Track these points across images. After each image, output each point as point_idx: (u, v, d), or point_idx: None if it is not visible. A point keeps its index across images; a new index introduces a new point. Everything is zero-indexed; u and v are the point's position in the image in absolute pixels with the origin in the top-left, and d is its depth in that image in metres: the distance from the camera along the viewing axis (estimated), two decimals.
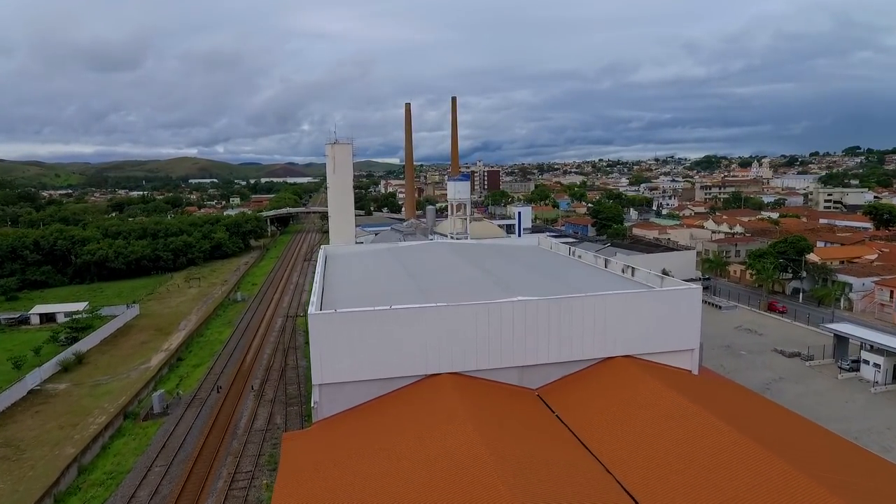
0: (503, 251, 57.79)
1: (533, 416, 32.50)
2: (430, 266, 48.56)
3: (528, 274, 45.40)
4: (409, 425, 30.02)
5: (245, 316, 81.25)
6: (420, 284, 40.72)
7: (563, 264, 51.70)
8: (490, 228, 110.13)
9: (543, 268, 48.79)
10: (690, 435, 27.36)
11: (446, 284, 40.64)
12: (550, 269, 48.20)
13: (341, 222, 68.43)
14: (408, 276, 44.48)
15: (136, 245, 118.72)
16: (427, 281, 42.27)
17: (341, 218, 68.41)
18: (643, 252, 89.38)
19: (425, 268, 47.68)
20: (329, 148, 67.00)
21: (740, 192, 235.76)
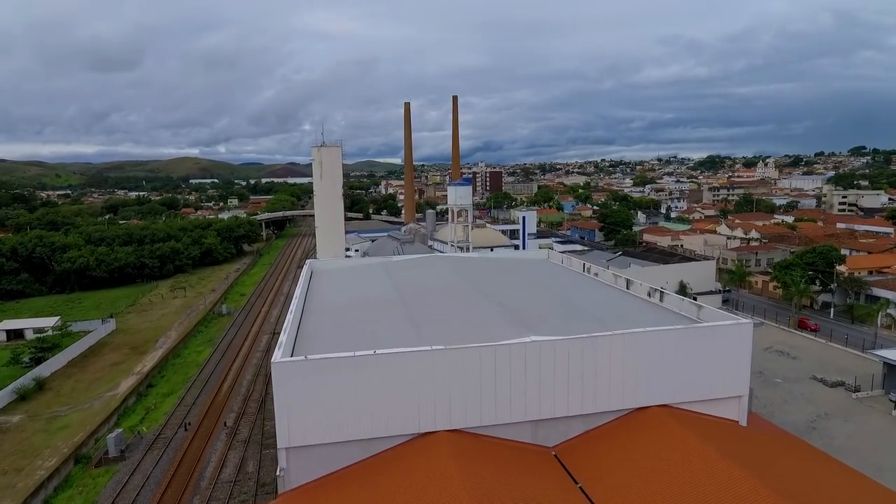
0: (509, 268, 51.42)
1: (548, 485, 26.25)
2: (427, 289, 42.22)
3: (539, 299, 39.05)
4: (396, 497, 23.88)
5: (228, 332, 74.98)
6: (414, 315, 34.39)
7: (578, 285, 45.34)
8: (493, 235, 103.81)
9: (556, 290, 42.44)
10: None
11: (444, 315, 34.31)
12: (564, 292, 41.86)
13: (330, 234, 61.77)
14: (400, 302, 38.16)
15: (120, 252, 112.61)
16: (422, 310, 35.97)
17: (330, 229, 61.78)
18: (658, 262, 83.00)
19: (420, 292, 41.34)
20: (315, 151, 60.40)
21: (750, 194, 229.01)
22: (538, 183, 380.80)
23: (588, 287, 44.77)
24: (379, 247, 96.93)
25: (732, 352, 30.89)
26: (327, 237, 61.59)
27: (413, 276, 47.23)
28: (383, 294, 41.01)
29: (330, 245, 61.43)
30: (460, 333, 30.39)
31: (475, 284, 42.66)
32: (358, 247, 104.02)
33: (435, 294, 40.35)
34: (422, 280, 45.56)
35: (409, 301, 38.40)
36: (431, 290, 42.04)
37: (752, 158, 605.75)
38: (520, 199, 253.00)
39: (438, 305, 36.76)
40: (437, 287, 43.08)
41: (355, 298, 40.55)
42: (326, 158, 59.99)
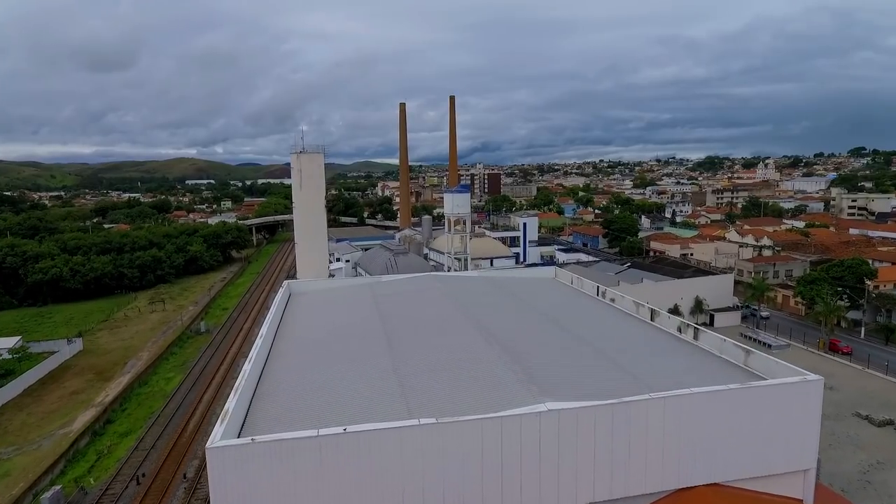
0: (512, 292, 45.15)
1: None
2: (416, 323, 35.96)
3: (549, 338, 32.81)
4: None
5: (204, 355, 68.57)
6: (399, 363, 28.12)
7: (593, 315, 39.13)
8: (492, 245, 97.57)
9: (568, 323, 36.21)
10: None
11: (436, 363, 28.05)
12: (579, 327, 35.63)
13: (311, 250, 55.08)
14: (385, 341, 31.89)
15: (97, 261, 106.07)
16: (410, 354, 29.72)
17: (311, 245, 55.11)
18: (671, 276, 76.89)
19: (409, 327, 35.07)
20: (294, 158, 53.81)
21: (757, 197, 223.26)
22: (537, 184, 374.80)
23: (605, 319, 38.54)
24: (371, 258, 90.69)
25: (798, 416, 24.65)
26: (308, 254, 54.89)
27: (402, 305, 40.94)
28: (366, 330, 34.71)
29: (311, 263, 54.72)
30: (456, 393, 24.16)
31: (473, 316, 36.39)
32: (349, 257, 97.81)
33: (426, 330, 34.07)
34: (411, 309, 39.29)
35: (395, 340, 32.11)
36: (422, 323, 35.77)
37: (751, 159, 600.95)
38: (519, 202, 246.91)
39: (430, 348, 30.49)
40: (428, 319, 36.80)
41: (333, 336, 34.24)
42: (307, 166, 53.31)
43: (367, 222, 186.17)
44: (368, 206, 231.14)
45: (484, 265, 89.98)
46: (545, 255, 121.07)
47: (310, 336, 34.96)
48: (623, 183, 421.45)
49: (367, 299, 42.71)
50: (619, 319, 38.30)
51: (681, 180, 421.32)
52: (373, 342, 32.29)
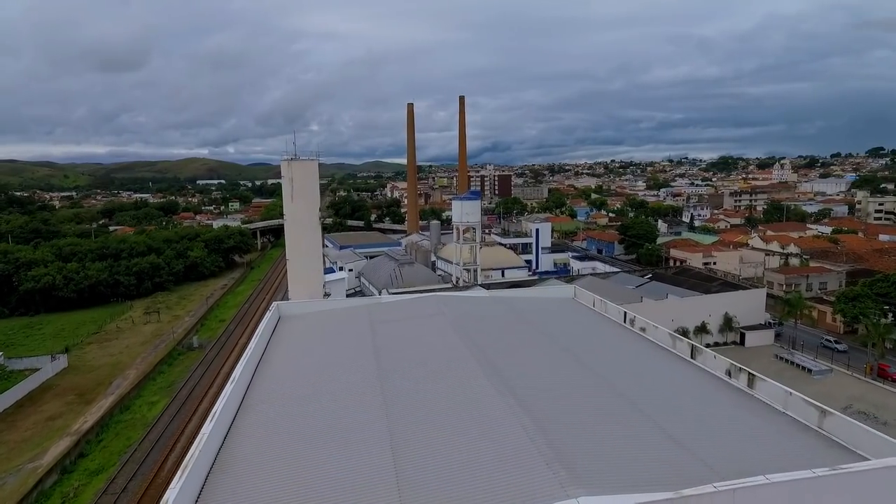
0: (526, 318, 39.86)
1: None
2: (417, 361, 30.79)
3: (574, 387, 27.48)
4: None
5: (193, 374, 63.93)
6: (395, 426, 22.97)
7: (624, 353, 33.73)
8: (504, 255, 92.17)
9: (596, 364, 30.84)
10: None
11: (439, 426, 22.86)
12: (608, 370, 30.27)
13: (304, 268, 49.86)
14: (379, 390, 26.76)
15: (92, 268, 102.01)
16: (407, 410, 24.58)
17: (304, 262, 49.86)
18: (697, 290, 71.14)
19: (409, 367, 29.93)
20: (285, 166, 48.52)
21: (778, 200, 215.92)
22: (548, 185, 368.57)
23: (638, 356, 33.11)
24: (375, 268, 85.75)
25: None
26: (301, 272, 49.63)
27: (401, 338, 35.77)
28: (358, 372, 29.60)
29: (304, 282, 49.52)
30: (462, 483, 18.95)
31: (482, 355, 31.12)
32: (353, 266, 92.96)
33: (428, 372, 28.90)
34: (412, 346, 34.11)
35: (390, 388, 26.97)
36: (423, 362, 30.59)
37: (766, 159, 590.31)
38: (530, 204, 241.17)
39: (431, 401, 25.31)
40: (431, 356, 31.61)
41: (318, 385, 29.16)
42: (299, 175, 48.09)
43: (375, 226, 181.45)
44: (376, 209, 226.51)
45: (495, 276, 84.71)
46: (559, 263, 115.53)
47: (291, 384, 29.88)
48: (635, 184, 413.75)
49: (362, 329, 37.58)
50: (653, 358, 32.85)
51: (695, 181, 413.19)
52: (365, 388, 27.17)
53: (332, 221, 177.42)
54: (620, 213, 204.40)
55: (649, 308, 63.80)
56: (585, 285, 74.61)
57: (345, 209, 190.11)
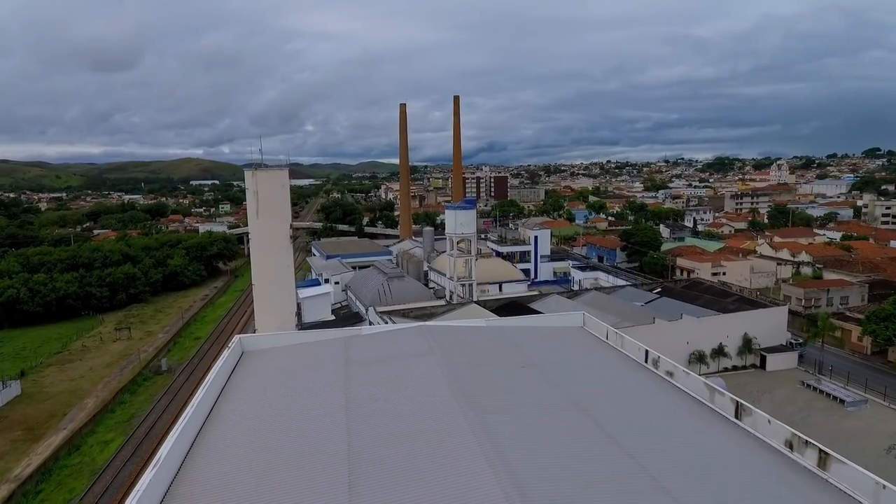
0: (531, 357, 33.73)
1: None
2: (397, 422, 24.57)
3: (595, 474, 21.34)
4: None
5: (157, 406, 57.53)
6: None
7: (652, 410, 27.66)
8: (501, 268, 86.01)
9: (617, 428, 24.72)
10: None
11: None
12: (627, 429, 24.16)
13: (272, 295, 42.94)
14: (344, 465, 20.59)
15: (60, 280, 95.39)
16: (376, 496, 18.36)
17: (272, 288, 43.00)
18: (711, 307, 65.19)
19: (386, 432, 23.71)
20: (249, 176, 41.51)
21: (780, 203, 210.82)
22: (544, 187, 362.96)
23: (671, 416, 27.02)
24: (362, 281, 79.47)
25: None
26: (269, 300, 42.84)
27: (381, 381, 29.61)
28: (323, 436, 23.37)
29: (272, 312, 42.85)
30: None
31: (477, 413, 24.97)
32: (339, 278, 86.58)
33: (406, 436, 22.72)
34: (393, 394, 27.94)
35: (360, 462, 20.77)
36: (403, 422, 24.42)
37: (762, 160, 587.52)
38: (527, 207, 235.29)
39: (406, 477, 19.14)
40: (413, 414, 25.46)
41: (275, 442, 22.91)
42: (265, 186, 41.31)
43: (367, 230, 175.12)
44: (369, 212, 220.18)
45: (492, 290, 78.63)
46: (559, 272, 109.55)
47: (240, 449, 23.67)
48: (633, 185, 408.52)
49: (334, 373, 31.36)
50: (691, 418, 26.75)
51: (692, 182, 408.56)
52: (327, 473, 20.97)
53: (323, 226, 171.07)
54: (620, 216, 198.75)
55: (662, 330, 57.92)
56: (590, 302, 68.77)
57: (335, 213, 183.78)
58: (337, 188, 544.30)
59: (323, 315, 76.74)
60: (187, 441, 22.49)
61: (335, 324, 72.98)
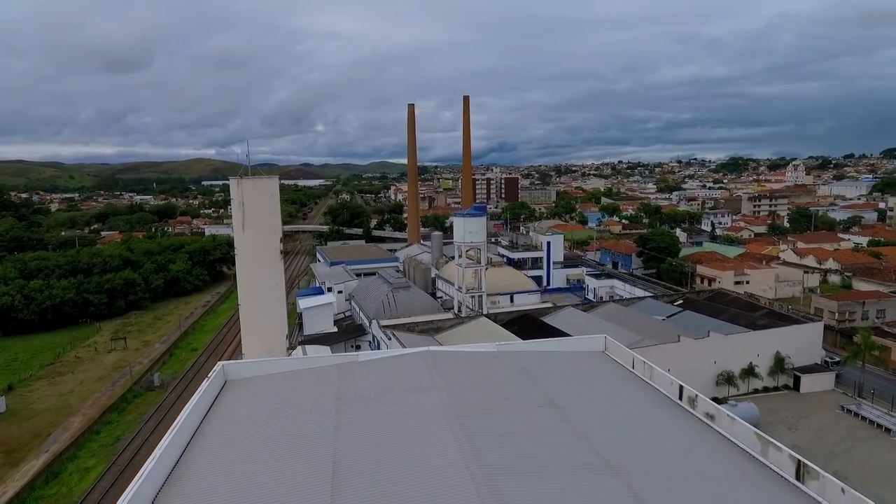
0: (546, 393, 29.62)
1: None
2: (388, 479, 20.57)
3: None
4: None
5: (144, 427, 54.00)
6: None
7: (698, 469, 23.45)
8: (512, 277, 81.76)
9: (644, 480, 20.57)
10: None
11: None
12: (670, 491, 20.00)
13: (261, 317, 38.81)
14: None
15: (57, 287, 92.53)
16: None
17: (261, 309, 38.79)
18: (740, 323, 60.52)
19: (374, 494, 19.72)
20: (234, 185, 37.14)
21: (799, 205, 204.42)
22: (555, 188, 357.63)
23: (712, 471, 22.77)
24: (366, 291, 75.63)
25: None
26: (257, 322, 38.65)
27: (375, 425, 25.68)
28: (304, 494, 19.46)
29: (260, 335, 38.81)
30: None
31: (485, 461, 20.89)
32: (343, 287, 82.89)
33: (401, 498, 18.73)
34: (388, 441, 23.96)
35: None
36: (397, 481, 20.41)
37: (776, 160, 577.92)
38: (538, 209, 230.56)
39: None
40: (411, 475, 21.44)
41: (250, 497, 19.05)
42: (252, 196, 37.08)
43: (375, 233, 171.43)
44: (378, 214, 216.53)
45: (503, 302, 74.50)
46: (572, 279, 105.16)
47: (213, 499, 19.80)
48: (646, 186, 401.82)
49: (324, 413, 27.44)
50: (742, 479, 22.46)
51: (706, 183, 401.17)
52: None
53: (329, 229, 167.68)
54: (634, 219, 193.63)
55: (688, 349, 53.47)
56: (608, 316, 64.40)
57: (343, 216, 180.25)
58: (346, 189, 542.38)
59: (325, 326, 73.09)
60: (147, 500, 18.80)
61: (337, 336, 69.28)
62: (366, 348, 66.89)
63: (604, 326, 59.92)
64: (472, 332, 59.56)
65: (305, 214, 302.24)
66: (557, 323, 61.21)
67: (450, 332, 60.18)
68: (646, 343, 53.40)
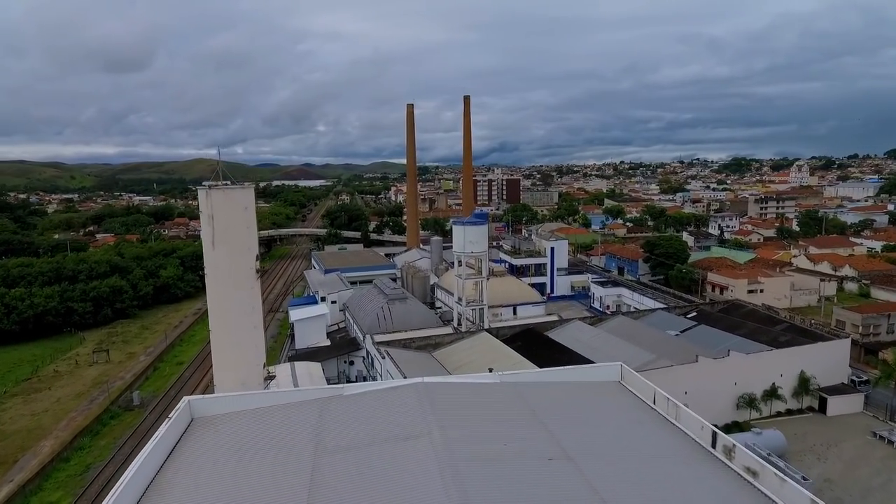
0: (555, 434, 25.72)
1: None
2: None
3: None
4: None
5: (117, 454, 50.01)
6: None
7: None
8: (515, 288, 77.65)
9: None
10: None
11: None
12: None
13: (234, 344, 34.25)
14: None
15: (40, 295, 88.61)
16: None
17: (235, 338, 33.97)
18: (759, 340, 56.36)
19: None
20: (203, 197, 31.59)
21: (807, 207, 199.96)
22: (557, 189, 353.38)
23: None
24: (361, 303, 71.66)
25: None
26: (230, 353, 34.01)
27: (357, 485, 21.69)
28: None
29: (235, 365, 34.14)
30: None
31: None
32: (337, 297, 78.98)
33: None
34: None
35: None
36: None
37: (779, 161, 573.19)
38: (540, 212, 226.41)
39: None
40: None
41: None
42: (223, 210, 31.62)
43: (373, 237, 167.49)
44: (377, 216, 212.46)
45: (506, 314, 70.53)
46: (577, 286, 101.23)
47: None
48: (648, 187, 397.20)
49: (300, 462, 23.51)
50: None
51: (709, 184, 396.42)
52: None
53: (327, 233, 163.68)
54: (639, 222, 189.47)
55: (707, 369, 49.39)
56: (618, 331, 60.29)
57: (341, 219, 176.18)
58: (347, 189, 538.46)
59: (317, 339, 69.23)
60: None
61: (330, 351, 65.36)
62: (360, 364, 62.92)
63: (613, 343, 55.91)
64: (473, 348, 55.61)
65: (305, 216, 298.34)
66: (564, 338, 57.16)
67: (449, 349, 56.23)
68: (661, 363, 49.40)
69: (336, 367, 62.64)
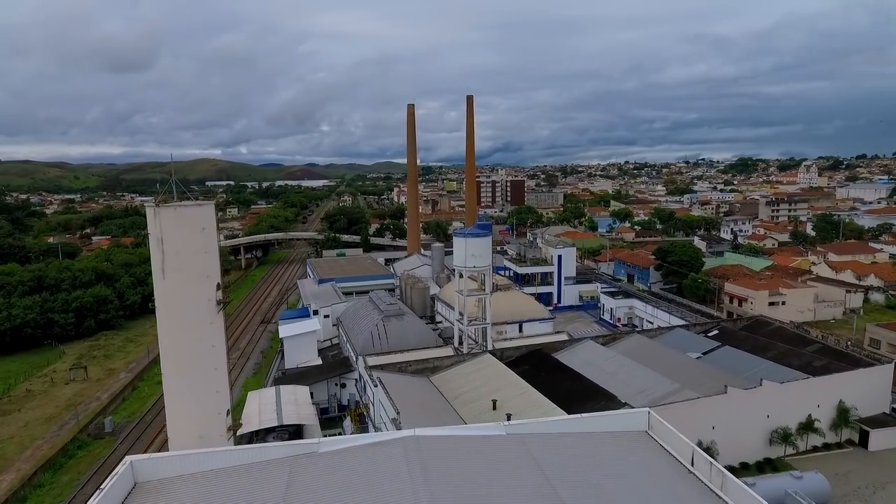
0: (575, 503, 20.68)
1: None
2: None
3: None
4: None
5: (79, 494, 45.02)
6: None
7: None
8: (521, 302, 72.27)
9: None
10: None
11: None
12: None
13: (191, 391, 28.42)
14: None
15: (18, 305, 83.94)
16: None
17: (191, 381, 28.39)
18: (790, 364, 51.00)
19: None
20: (151, 216, 25.87)
21: (819, 209, 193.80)
22: (562, 189, 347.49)
23: None
24: (355, 318, 66.62)
25: None
26: (186, 399, 28.27)
27: None
28: None
29: (191, 417, 28.36)
30: None
31: None
32: (330, 310, 74.01)
33: None
34: None
35: None
36: None
37: (786, 161, 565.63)
38: (545, 214, 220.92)
39: None
40: None
41: None
42: (175, 232, 26.58)
43: (373, 241, 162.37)
44: (378, 219, 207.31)
45: (511, 331, 65.40)
46: (585, 296, 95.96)
47: None
48: (654, 188, 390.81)
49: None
50: None
51: (716, 185, 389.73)
52: None
53: (325, 238, 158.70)
54: (647, 225, 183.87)
55: (737, 401, 44.10)
56: (634, 353, 55.02)
57: (340, 222, 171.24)
58: (349, 190, 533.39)
59: (308, 357, 64.31)
60: None
61: (320, 372, 60.39)
62: (352, 388, 57.88)
63: (629, 367, 50.67)
64: (475, 373, 50.46)
65: (306, 218, 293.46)
66: (575, 362, 51.93)
67: (448, 373, 51.10)
68: (685, 394, 44.16)
69: (326, 390, 57.64)
